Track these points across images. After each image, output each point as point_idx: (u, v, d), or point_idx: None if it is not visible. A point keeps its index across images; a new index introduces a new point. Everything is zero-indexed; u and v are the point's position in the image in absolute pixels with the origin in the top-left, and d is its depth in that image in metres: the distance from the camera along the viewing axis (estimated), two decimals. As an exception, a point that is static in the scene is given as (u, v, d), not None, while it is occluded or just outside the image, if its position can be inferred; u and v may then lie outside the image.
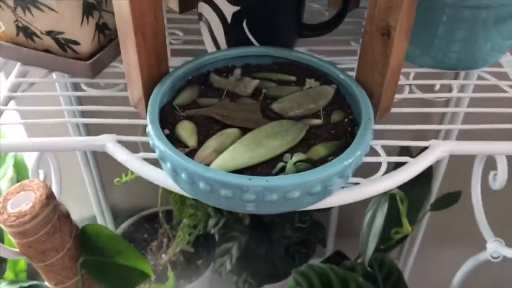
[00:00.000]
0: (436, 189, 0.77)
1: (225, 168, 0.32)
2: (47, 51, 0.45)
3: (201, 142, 0.35)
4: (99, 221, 0.88)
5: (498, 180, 0.49)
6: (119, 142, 0.38)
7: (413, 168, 0.36)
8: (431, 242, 0.91)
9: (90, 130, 0.75)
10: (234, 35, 0.43)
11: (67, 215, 0.51)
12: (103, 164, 0.83)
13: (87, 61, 0.43)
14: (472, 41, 0.45)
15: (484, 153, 0.38)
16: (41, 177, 0.57)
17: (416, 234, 0.85)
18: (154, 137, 0.33)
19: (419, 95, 0.44)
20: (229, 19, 0.42)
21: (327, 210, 0.86)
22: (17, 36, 0.45)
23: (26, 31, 0.44)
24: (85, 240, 0.53)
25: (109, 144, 0.38)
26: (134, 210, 0.93)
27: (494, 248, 0.57)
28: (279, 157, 0.33)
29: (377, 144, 0.39)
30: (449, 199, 0.65)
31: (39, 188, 0.48)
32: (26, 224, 0.46)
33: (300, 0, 0.44)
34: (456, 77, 0.58)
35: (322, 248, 0.90)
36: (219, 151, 0.33)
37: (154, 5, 0.35)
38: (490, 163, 0.46)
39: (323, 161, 0.33)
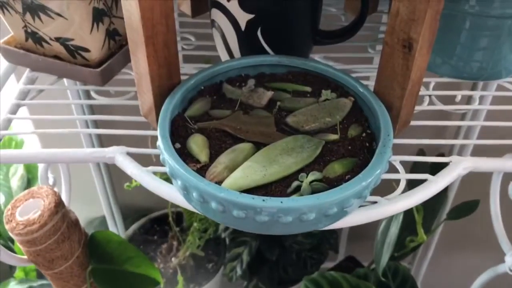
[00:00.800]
0: (452, 196, 0.76)
1: (237, 187, 0.31)
2: (56, 57, 0.44)
3: (213, 157, 0.33)
4: (109, 222, 0.87)
5: None
6: (129, 154, 0.37)
7: (434, 186, 0.35)
8: (445, 250, 0.90)
9: (102, 137, 0.75)
10: (248, 43, 0.42)
11: (76, 223, 0.51)
12: (113, 165, 0.82)
13: (97, 68, 0.42)
14: (496, 50, 0.43)
15: (506, 170, 0.36)
16: (51, 181, 0.56)
17: (431, 241, 0.84)
18: (165, 152, 0.32)
19: (440, 107, 0.42)
20: (243, 26, 0.40)
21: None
22: (26, 41, 0.44)
23: (35, 37, 0.43)
24: (94, 248, 0.53)
25: (119, 156, 0.37)
26: (144, 211, 0.92)
27: (513, 261, 0.55)
28: (294, 175, 0.32)
29: (396, 160, 0.37)
30: (467, 208, 0.64)
31: (48, 196, 0.48)
32: (35, 232, 0.46)
33: (316, 7, 0.42)
34: (473, 87, 0.56)
35: (334, 253, 0.88)
36: (231, 168, 0.32)
37: (166, 15, 0.34)
38: (509, 173, 0.44)
39: (339, 179, 0.32)
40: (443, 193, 0.72)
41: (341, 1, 0.56)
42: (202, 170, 0.32)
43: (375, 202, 0.34)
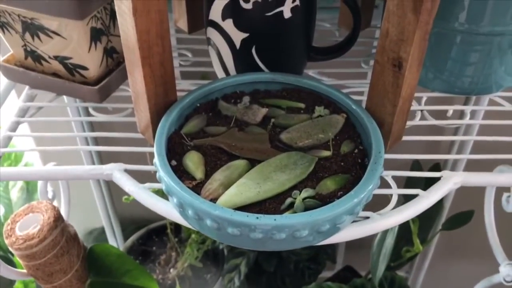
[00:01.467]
0: (448, 206, 0.76)
1: (232, 204, 0.31)
2: (55, 74, 0.45)
3: (208, 174, 0.34)
4: (108, 233, 0.88)
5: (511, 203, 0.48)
6: (127, 171, 0.38)
7: (425, 201, 0.36)
8: (442, 259, 0.90)
9: (102, 153, 0.76)
10: (243, 61, 0.43)
11: (74, 237, 0.51)
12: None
13: (95, 85, 0.43)
14: (486, 65, 0.44)
15: (496, 185, 0.37)
16: (50, 195, 0.57)
17: (427, 250, 0.84)
18: (161, 170, 0.33)
19: (431, 121, 0.43)
20: (238, 45, 0.41)
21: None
22: (25, 59, 0.45)
23: (34, 55, 0.44)
24: (92, 261, 0.53)
25: (116, 173, 0.38)
26: (143, 221, 0.93)
27: (507, 272, 0.56)
28: (287, 192, 0.33)
29: (388, 175, 0.38)
30: (462, 219, 0.64)
31: (47, 211, 0.48)
32: (34, 247, 0.46)
33: (309, 25, 0.43)
34: (466, 102, 0.57)
35: (331, 263, 0.89)
36: (226, 185, 0.33)
37: (162, 36, 0.34)
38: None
39: (332, 196, 0.32)
40: (439, 203, 0.73)
41: (335, 16, 0.57)
42: (197, 187, 0.33)
43: (367, 217, 0.35)
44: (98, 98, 0.43)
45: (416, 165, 0.67)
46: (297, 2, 0.40)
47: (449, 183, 0.37)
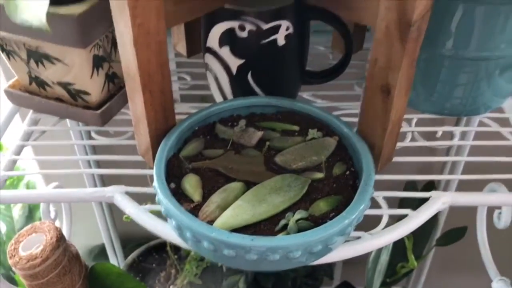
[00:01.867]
0: (443, 221, 0.78)
1: (228, 226, 0.33)
2: (58, 99, 0.46)
3: (206, 196, 0.36)
4: (108, 251, 0.89)
5: (503, 220, 0.49)
6: (128, 193, 0.39)
7: (414, 221, 0.37)
8: (438, 274, 0.91)
9: (104, 175, 0.77)
10: (239, 86, 0.44)
11: (76, 256, 0.52)
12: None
13: (97, 109, 0.45)
14: (474, 87, 0.45)
15: (484, 204, 0.38)
16: (52, 215, 0.58)
17: (423, 265, 0.85)
18: (160, 193, 0.34)
19: (421, 143, 0.45)
20: (234, 71, 0.43)
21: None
22: (30, 85, 0.46)
23: (38, 81, 0.45)
24: (94, 280, 0.54)
25: (117, 196, 0.39)
26: (143, 239, 0.94)
27: (499, 287, 0.57)
28: (281, 214, 0.34)
29: (379, 196, 0.39)
30: (455, 235, 0.66)
31: (50, 231, 0.50)
32: (37, 267, 0.47)
33: (303, 51, 0.45)
34: (457, 123, 0.59)
35: (329, 279, 0.90)
36: (223, 207, 0.34)
37: (161, 65, 0.36)
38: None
39: (324, 217, 0.34)
40: (434, 219, 0.74)
41: (329, 39, 0.59)
42: (195, 210, 0.35)
43: (359, 237, 0.36)
44: (100, 122, 0.45)
45: (410, 185, 0.69)
46: (291, 30, 0.42)
47: (437, 203, 0.38)
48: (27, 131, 0.46)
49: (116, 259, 0.91)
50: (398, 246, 0.69)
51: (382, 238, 0.36)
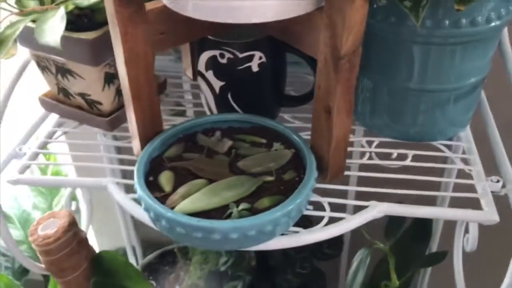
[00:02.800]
0: (435, 245, 0.81)
1: (185, 211, 0.41)
2: (78, 107, 0.57)
3: (175, 188, 0.44)
4: (129, 253, 0.99)
5: (470, 243, 0.54)
6: (118, 183, 0.48)
7: (347, 224, 0.43)
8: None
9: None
10: (222, 104, 0.53)
11: (85, 240, 0.62)
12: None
13: (108, 117, 0.55)
14: (431, 115, 0.51)
15: (413, 215, 0.44)
16: (73, 207, 0.68)
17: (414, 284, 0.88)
18: (136, 183, 0.43)
19: (376, 161, 0.51)
20: (217, 91, 0.52)
21: (336, 259, 0.92)
22: (58, 94, 0.57)
23: (64, 91, 0.56)
24: (99, 263, 0.63)
25: (110, 185, 0.48)
26: (164, 243, 1.03)
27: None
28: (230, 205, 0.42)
29: (325, 201, 0.46)
30: (436, 258, 0.70)
31: (64, 217, 0.59)
32: (50, 244, 0.57)
33: (279, 77, 0.53)
34: (412, 147, 0.62)
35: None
36: (185, 197, 0.42)
37: (148, 80, 0.45)
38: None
39: (265, 210, 0.41)
40: (426, 241, 0.78)
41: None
42: (164, 198, 0.43)
43: (297, 232, 0.43)
44: (109, 127, 0.55)
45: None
46: (263, 59, 0.50)
47: (373, 211, 0.45)
48: (51, 131, 0.57)
49: (136, 261, 1.01)
50: (385, 266, 0.74)
51: (317, 234, 0.43)
